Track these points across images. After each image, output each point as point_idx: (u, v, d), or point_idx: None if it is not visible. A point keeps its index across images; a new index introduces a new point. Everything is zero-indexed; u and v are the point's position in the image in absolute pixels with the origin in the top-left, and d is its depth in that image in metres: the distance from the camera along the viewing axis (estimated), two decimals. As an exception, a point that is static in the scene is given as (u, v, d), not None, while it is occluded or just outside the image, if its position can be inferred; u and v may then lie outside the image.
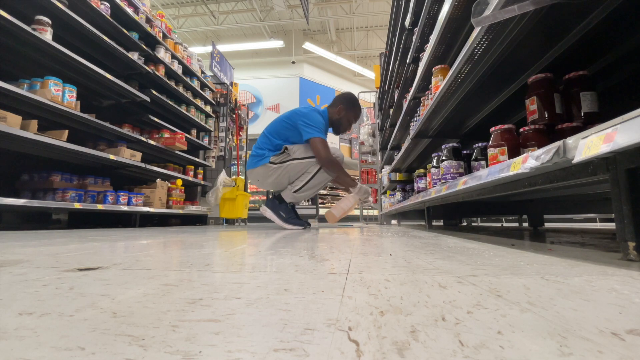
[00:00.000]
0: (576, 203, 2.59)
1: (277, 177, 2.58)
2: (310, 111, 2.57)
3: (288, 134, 2.58)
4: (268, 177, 2.60)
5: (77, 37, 3.09)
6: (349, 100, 2.72)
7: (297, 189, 2.57)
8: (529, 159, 0.83)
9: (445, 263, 0.70)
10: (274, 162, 2.55)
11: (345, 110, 2.68)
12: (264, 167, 2.57)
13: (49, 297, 0.43)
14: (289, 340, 0.28)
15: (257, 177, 2.67)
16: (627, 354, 0.25)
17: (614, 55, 1.15)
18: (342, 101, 2.70)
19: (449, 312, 0.35)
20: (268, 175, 2.59)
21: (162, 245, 1.18)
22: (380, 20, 11.98)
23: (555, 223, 4.81)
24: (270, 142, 2.61)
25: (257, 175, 2.65)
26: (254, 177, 2.70)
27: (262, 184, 2.73)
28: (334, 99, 2.79)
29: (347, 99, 2.73)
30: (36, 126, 2.37)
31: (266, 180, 2.64)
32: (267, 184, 2.70)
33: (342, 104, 2.68)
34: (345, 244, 1.18)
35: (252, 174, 2.69)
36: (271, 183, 2.65)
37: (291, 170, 2.57)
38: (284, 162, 2.55)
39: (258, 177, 2.66)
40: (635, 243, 0.64)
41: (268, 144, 2.61)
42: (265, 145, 2.62)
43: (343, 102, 2.69)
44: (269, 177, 2.60)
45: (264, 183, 2.70)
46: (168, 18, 9.71)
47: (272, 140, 2.61)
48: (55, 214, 2.93)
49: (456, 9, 1.46)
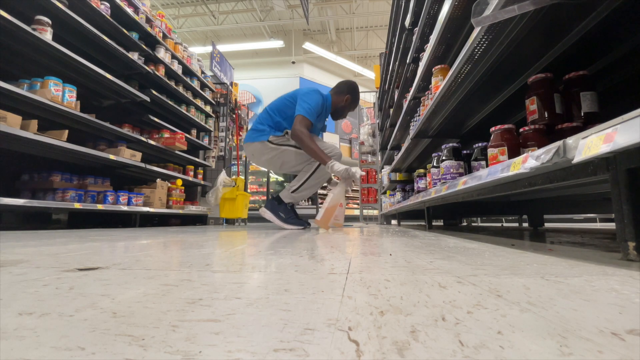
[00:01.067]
0: (576, 203, 2.59)
1: (271, 157, 2.60)
2: (312, 91, 2.60)
3: (289, 112, 2.59)
4: (263, 154, 2.61)
5: (77, 37, 3.09)
6: (355, 91, 2.78)
7: (295, 189, 2.57)
8: (529, 159, 0.83)
9: (445, 263, 0.70)
10: (272, 142, 2.56)
11: (350, 101, 2.76)
12: (262, 144, 2.58)
13: (49, 297, 0.43)
14: (289, 340, 0.28)
15: (252, 152, 2.68)
16: (627, 354, 0.25)
17: (614, 55, 1.15)
18: (349, 91, 2.75)
19: (449, 312, 0.35)
20: (263, 153, 2.60)
21: (162, 245, 1.18)
22: (380, 20, 11.98)
23: (555, 223, 4.81)
24: (271, 119, 2.61)
25: (253, 150, 2.65)
26: (249, 151, 2.69)
27: (255, 160, 2.74)
28: (339, 85, 2.80)
29: (354, 89, 2.78)
30: (36, 126, 2.37)
31: (260, 157, 2.65)
32: (260, 162, 2.72)
33: (350, 94, 2.75)
34: (345, 244, 1.18)
35: (249, 148, 2.68)
36: (264, 162, 2.67)
37: (286, 156, 2.58)
38: (281, 145, 2.56)
39: (253, 152, 2.66)
40: (635, 243, 0.64)
41: (269, 120, 2.62)
42: (266, 121, 2.62)
43: (350, 92, 2.75)
44: (263, 155, 2.62)
45: (257, 160, 2.71)
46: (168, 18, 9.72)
47: (272, 117, 2.61)
48: (55, 214, 2.92)
49: (456, 9, 1.46)
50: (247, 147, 2.70)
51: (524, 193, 2.00)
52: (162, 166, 4.18)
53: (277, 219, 2.57)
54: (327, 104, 2.69)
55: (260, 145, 2.60)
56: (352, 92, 2.76)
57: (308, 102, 2.51)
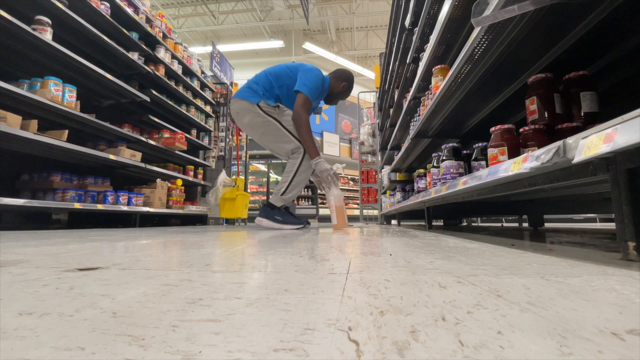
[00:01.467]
0: (576, 203, 2.59)
1: (255, 123, 2.53)
2: (314, 68, 2.61)
3: (287, 81, 2.57)
4: (246, 115, 2.54)
5: (77, 37, 3.09)
6: (351, 80, 2.85)
7: (284, 191, 2.54)
8: (529, 159, 0.83)
9: (445, 263, 0.70)
10: (261, 108, 2.50)
11: (346, 88, 2.81)
12: (250, 105, 2.51)
13: (49, 297, 0.43)
14: (289, 340, 0.28)
15: (237, 110, 2.59)
16: (627, 354, 0.25)
17: (614, 55, 1.15)
18: (347, 79, 2.80)
19: (449, 312, 0.35)
20: (247, 113, 2.53)
21: (162, 245, 1.18)
22: (380, 20, 11.98)
23: (555, 223, 4.81)
24: (269, 83, 2.57)
25: (240, 107, 2.56)
26: (235, 107, 2.60)
27: (238, 120, 2.65)
28: (338, 72, 2.82)
29: (351, 79, 2.84)
30: (36, 126, 2.37)
31: (243, 118, 2.57)
32: (242, 123, 2.62)
33: (347, 82, 2.80)
34: (345, 244, 1.18)
35: (236, 104, 2.59)
36: (246, 124, 2.59)
37: (269, 128, 2.52)
38: (269, 115, 2.50)
39: (239, 110, 2.57)
40: (635, 243, 0.64)
41: (266, 82, 2.58)
42: (262, 82, 2.58)
43: (347, 81, 2.80)
44: (246, 116, 2.54)
45: (240, 120, 2.62)
46: (168, 18, 9.72)
47: (270, 81, 2.57)
48: (55, 214, 2.92)
49: (456, 9, 1.46)
50: (235, 103, 2.60)
51: (524, 193, 2.00)
52: (162, 166, 4.19)
53: (275, 223, 2.55)
54: (326, 86, 2.71)
55: (248, 105, 2.51)
56: (349, 81, 2.81)
57: (310, 80, 2.51)
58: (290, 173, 2.54)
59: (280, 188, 2.56)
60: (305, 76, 2.53)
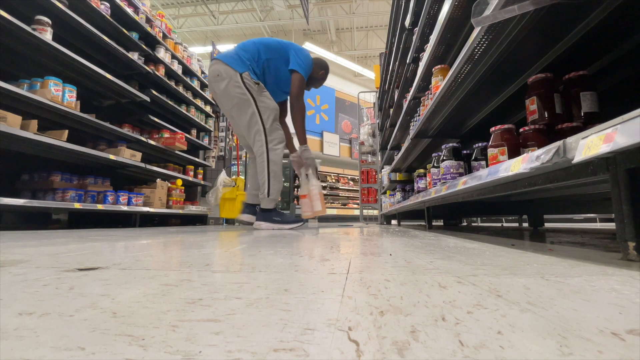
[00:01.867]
0: (576, 203, 2.59)
1: (229, 93, 2.43)
2: (305, 50, 2.67)
3: (274, 55, 2.57)
4: (225, 81, 2.42)
5: (77, 37, 3.09)
6: (327, 71, 2.95)
7: (268, 191, 2.51)
8: (529, 159, 0.83)
9: (445, 263, 0.70)
10: (244, 79, 2.41)
11: (322, 76, 2.91)
12: (234, 73, 2.41)
13: (49, 297, 0.43)
14: (289, 340, 0.28)
15: (217, 72, 2.45)
16: (627, 354, 0.25)
17: (614, 55, 1.15)
18: (325, 68, 2.90)
19: (449, 312, 0.35)
20: (227, 80, 2.42)
21: (162, 245, 1.18)
22: (380, 20, 11.98)
23: (555, 223, 4.81)
24: (257, 52, 2.52)
25: (223, 70, 2.43)
26: (217, 68, 2.46)
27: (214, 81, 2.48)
28: (319, 59, 2.87)
29: (327, 69, 2.94)
30: (36, 126, 2.37)
31: (221, 82, 2.44)
32: (217, 85, 2.47)
33: (325, 70, 2.90)
34: (345, 244, 1.18)
35: (219, 65, 2.45)
36: (221, 89, 2.45)
37: (241, 105, 2.44)
38: (247, 90, 2.43)
39: (219, 72, 2.44)
40: (635, 243, 0.64)
41: (254, 51, 2.52)
42: (250, 51, 2.50)
43: (325, 70, 2.91)
44: (225, 82, 2.42)
45: (216, 82, 2.46)
46: (168, 18, 9.71)
47: (258, 50, 2.52)
48: (55, 214, 2.93)
49: (456, 9, 1.46)
50: (217, 64, 2.46)
51: (524, 193, 2.00)
52: (162, 166, 4.18)
53: (275, 224, 2.53)
54: (310, 69, 2.73)
55: (231, 72, 2.41)
56: (327, 70, 2.92)
57: (303, 60, 2.55)
58: (264, 172, 2.50)
59: (263, 191, 2.52)
60: (298, 56, 2.56)
